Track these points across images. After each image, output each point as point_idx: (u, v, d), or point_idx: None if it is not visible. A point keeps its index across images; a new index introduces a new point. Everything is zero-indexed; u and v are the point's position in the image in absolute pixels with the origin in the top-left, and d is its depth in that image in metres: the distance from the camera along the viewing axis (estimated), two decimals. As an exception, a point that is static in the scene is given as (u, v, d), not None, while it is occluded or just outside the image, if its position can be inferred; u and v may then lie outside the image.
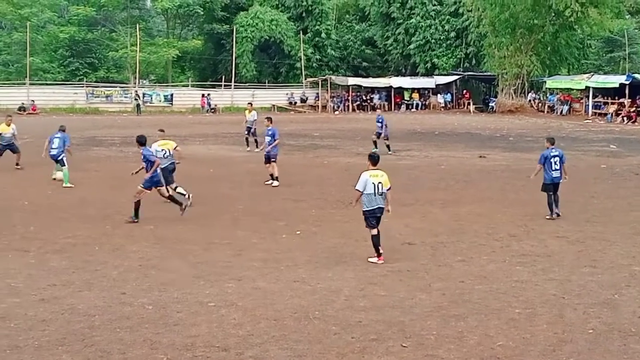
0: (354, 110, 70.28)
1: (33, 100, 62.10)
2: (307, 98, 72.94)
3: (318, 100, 71.92)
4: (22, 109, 60.87)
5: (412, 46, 74.22)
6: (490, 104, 69.52)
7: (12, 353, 8.56)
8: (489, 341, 9.06)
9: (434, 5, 73.70)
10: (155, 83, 78.80)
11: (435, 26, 73.36)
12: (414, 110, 70.48)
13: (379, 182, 13.22)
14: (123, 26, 76.06)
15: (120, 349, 8.69)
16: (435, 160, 30.00)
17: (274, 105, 69.57)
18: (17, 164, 25.74)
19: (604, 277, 12.17)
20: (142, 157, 17.07)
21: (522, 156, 30.42)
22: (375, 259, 13.23)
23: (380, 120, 32.66)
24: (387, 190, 13.36)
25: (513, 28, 63.97)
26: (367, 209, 13.26)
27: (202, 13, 75.01)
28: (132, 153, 31.66)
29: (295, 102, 72.25)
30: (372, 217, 13.29)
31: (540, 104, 67.80)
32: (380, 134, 32.46)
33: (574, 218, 17.48)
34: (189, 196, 18.68)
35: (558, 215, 17.49)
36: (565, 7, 59.49)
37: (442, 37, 73.39)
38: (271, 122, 23.76)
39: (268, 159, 22.97)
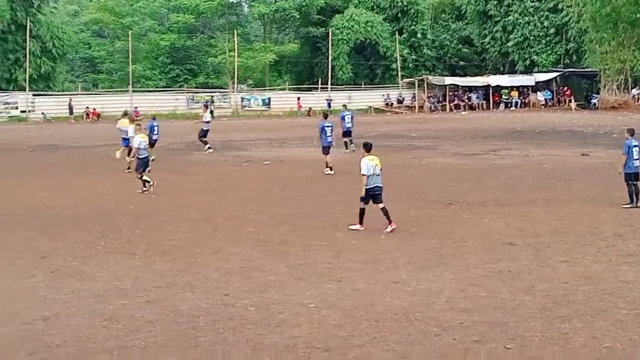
0: (451, 110, 69.61)
1: (136, 107, 63.79)
2: (403, 99, 72.65)
3: (415, 100, 71.58)
4: (125, 114, 62.52)
5: (510, 44, 73.06)
6: (592, 101, 67.68)
7: (120, 354, 8.79)
8: (595, 343, 8.84)
9: (532, 1, 72.35)
10: (253, 87, 79.88)
11: (534, 23, 72.02)
12: (513, 108, 69.33)
13: (375, 164, 15.79)
14: (221, 32, 77.44)
15: (224, 350, 8.83)
16: (536, 159, 29.44)
17: (370, 107, 69.55)
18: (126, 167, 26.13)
19: None
20: None
21: (626, 153, 29.51)
22: (357, 227, 15.82)
23: (343, 117, 32.84)
24: (380, 170, 15.92)
25: (615, 23, 62.15)
26: (368, 187, 15.65)
27: (298, 17, 75.71)
28: (231, 157, 32.22)
29: (392, 103, 72.08)
30: (371, 195, 15.72)
31: (644, 100, 65.78)
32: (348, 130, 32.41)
33: (683, 216, 16.94)
34: (153, 184, 21.76)
35: (637, 206, 17.90)
36: (670, -1, 57.64)
37: (541, 34, 71.96)
38: (323, 117, 28.13)
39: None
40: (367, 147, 16.18)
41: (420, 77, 72.11)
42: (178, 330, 9.55)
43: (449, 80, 71.78)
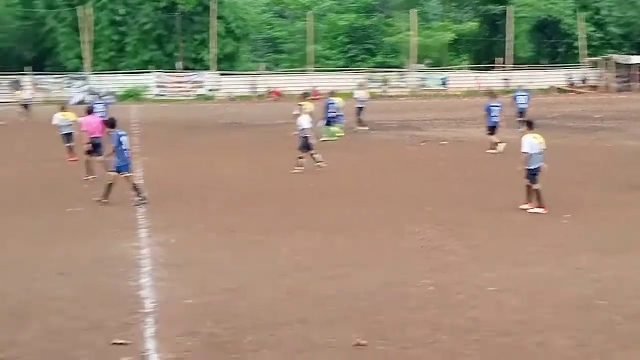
0: (639, 90, 66.52)
1: (315, 86, 64.87)
2: (587, 79, 70.11)
3: (599, 80, 68.92)
4: (305, 94, 63.80)
5: None
6: None
7: (302, 327, 9.11)
8: None
9: None
10: (431, 67, 79.39)
11: None
12: None
13: (539, 143, 15.55)
14: (399, 11, 77.30)
15: (403, 329, 8.97)
16: None
17: (552, 87, 67.53)
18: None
19: None
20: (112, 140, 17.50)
21: None
22: (537, 210, 15.37)
23: (515, 97, 31.90)
24: (544, 149, 15.59)
25: None
26: (531, 167, 15.41)
27: (478, -6, 74.50)
28: (409, 137, 32.25)
29: (574, 83, 69.73)
30: (534, 175, 15.40)
31: None
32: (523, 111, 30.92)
33: None
34: (302, 168, 21.50)
35: None
36: None
37: None
38: (490, 97, 27.77)
39: None
40: (530, 125, 16.11)
41: (605, 57, 69.31)
42: (357, 307, 9.76)
43: (636, 59, 68.54)
